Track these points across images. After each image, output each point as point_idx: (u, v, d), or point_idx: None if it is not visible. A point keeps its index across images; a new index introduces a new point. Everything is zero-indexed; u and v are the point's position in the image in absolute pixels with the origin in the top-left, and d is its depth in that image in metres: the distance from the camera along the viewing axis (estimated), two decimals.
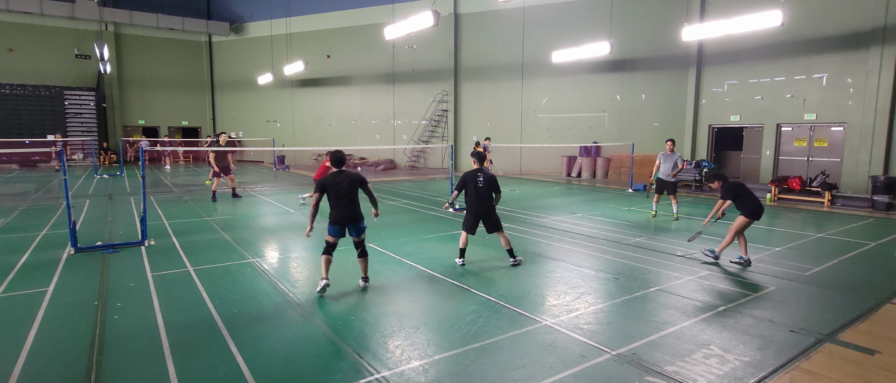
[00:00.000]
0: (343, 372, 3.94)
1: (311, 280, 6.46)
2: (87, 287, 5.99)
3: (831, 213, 12.21)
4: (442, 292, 5.96)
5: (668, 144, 11.01)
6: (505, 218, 11.02)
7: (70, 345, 4.40)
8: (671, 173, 10.79)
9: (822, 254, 7.96)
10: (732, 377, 3.91)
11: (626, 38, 19.14)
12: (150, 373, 3.91)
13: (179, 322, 4.93)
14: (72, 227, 7.58)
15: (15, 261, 7.07)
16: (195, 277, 6.41)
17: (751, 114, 16.60)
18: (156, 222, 9.99)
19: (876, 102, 14.03)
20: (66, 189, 7.50)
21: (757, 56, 16.16)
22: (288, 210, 12.12)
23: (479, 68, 23.35)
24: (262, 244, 8.48)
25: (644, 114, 19.56)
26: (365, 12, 25.40)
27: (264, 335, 4.63)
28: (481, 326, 4.84)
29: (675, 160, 10.78)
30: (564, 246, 8.39)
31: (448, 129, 24.27)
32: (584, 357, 4.22)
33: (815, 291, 6.07)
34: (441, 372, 3.95)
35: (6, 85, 25.60)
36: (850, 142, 14.70)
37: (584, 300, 5.66)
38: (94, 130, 27.60)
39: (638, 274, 6.70)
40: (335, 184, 5.63)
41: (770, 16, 10.90)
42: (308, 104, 28.50)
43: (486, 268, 7.00)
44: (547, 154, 22.03)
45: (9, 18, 25.49)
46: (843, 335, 4.73)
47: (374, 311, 5.30)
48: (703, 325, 4.92)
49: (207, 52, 31.14)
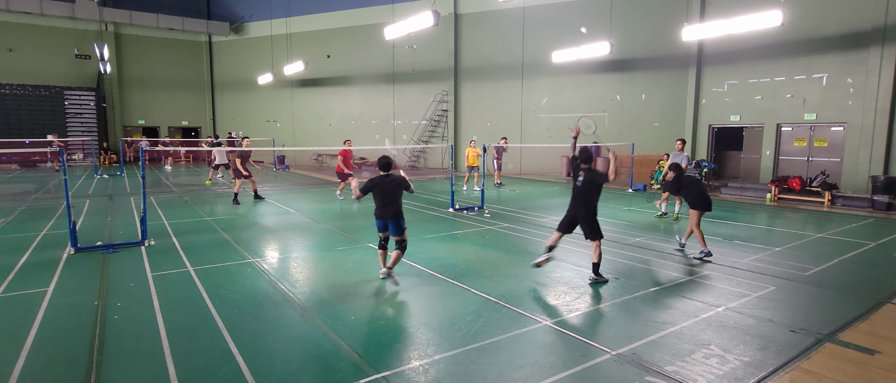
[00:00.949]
0: (343, 372, 3.94)
1: (311, 280, 6.46)
2: (87, 287, 5.99)
3: (831, 213, 12.21)
4: (442, 292, 5.96)
5: (678, 144, 11.05)
6: (505, 218, 11.03)
7: (70, 345, 4.40)
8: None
9: (822, 254, 7.96)
10: (732, 377, 3.91)
11: (626, 38, 19.13)
12: (150, 373, 3.91)
13: (179, 322, 4.93)
14: (72, 227, 7.58)
15: (15, 261, 7.07)
16: (195, 277, 6.41)
17: (751, 114, 16.60)
18: (156, 222, 9.99)
19: (876, 102, 14.03)
20: (66, 189, 7.50)
21: (757, 56, 16.16)
22: (288, 210, 12.12)
23: (479, 68, 23.34)
24: (262, 244, 8.48)
25: (644, 114, 19.56)
26: (365, 12, 25.40)
27: (264, 335, 4.63)
28: (481, 326, 4.84)
29: (681, 160, 10.79)
30: (564, 246, 8.38)
31: (448, 129, 24.26)
32: (584, 357, 4.22)
33: (815, 291, 6.07)
34: (441, 372, 3.95)
35: (6, 85, 25.60)
36: (850, 142, 14.70)
37: (584, 300, 5.66)
38: (94, 130, 27.59)
39: (638, 274, 6.70)
40: (382, 185, 6.28)
41: (770, 16, 10.90)
42: (308, 104, 28.50)
43: (486, 268, 7.00)
44: (547, 154, 22.02)
45: (9, 18, 25.49)
46: (843, 335, 4.73)
47: (374, 311, 5.30)
48: (703, 325, 4.92)
49: (207, 52, 31.14)
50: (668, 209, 11.23)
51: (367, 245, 8.23)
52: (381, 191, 6.30)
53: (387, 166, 6.47)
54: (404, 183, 6.39)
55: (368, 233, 9.25)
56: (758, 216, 11.75)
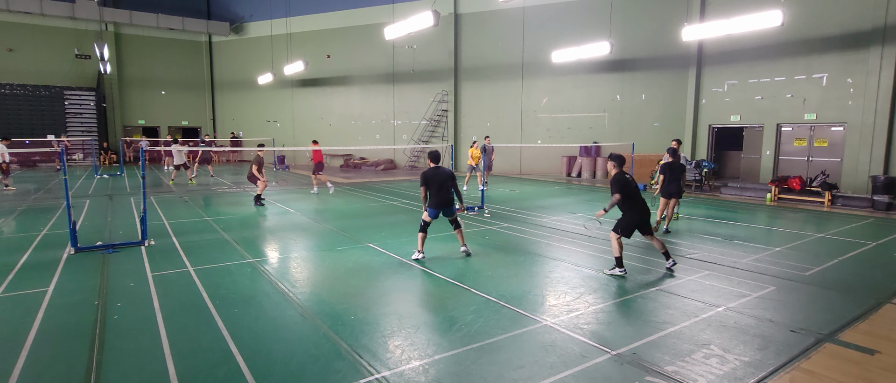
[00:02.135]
0: (343, 372, 3.93)
1: (311, 280, 6.46)
2: (87, 287, 5.99)
3: (831, 213, 12.21)
4: (442, 292, 5.96)
5: (673, 143, 11.03)
6: (505, 218, 11.04)
7: (70, 345, 4.40)
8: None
9: (822, 254, 7.96)
10: (732, 377, 3.91)
11: (626, 38, 19.13)
12: (150, 373, 3.91)
13: (179, 322, 4.93)
14: (72, 227, 7.58)
15: (15, 261, 7.07)
16: (195, 277, 6.41)
17: (751, 114, 16.60)
18: (156, 222, 9.99)
19: (876, 102, 14.03)
20: (67, 189, 7.50)
21: (757, 56, 16.16)
22: (288, 210, 12.12)
23: (479, 68, 23.34)
24: (262, 244, 8.48)
25: (644, 114, 19.56)
26: (365, 12, 25.40)
27: (264, 335, 4.63)
28: (481, 326, 4.84)
29: None
30: (564, 246, 8.39)
31: (448, 129, 24.27)
32: (585, 357, 4.22)
33: (815, 291, 6.07)
34: (441, 372, 3.95)
35: (6, 85, 25.60)
36: (850, 142, 14.70)
37: (584, 300, 5.66)
38: (94, 130, 27.58)
39: (638, 274, 6.69)
40: (436, 176, 7.22)
41: (770, 16, 10.90)
42: (308, 104, 28.50)
43: (486, 267, 7.00)
44: (547, 154, 22.02)
45: (9, 18, 25.49)
46: (843, 335, 4.73)
47: (374, 311, 5.30)
48: (703, 325, 4.92)
49: (207, 52, 31.14)
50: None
51: (368, 245, 8.23)
52: (437, 182, 7.20)
53: (437, 158, 7.37)
54: (453, 175, 7.29)
55: (369, 233, 9.26)
56: (758, 216, 11.75)
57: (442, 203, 7.23)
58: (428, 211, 7.27)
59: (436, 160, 7.38)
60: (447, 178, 7.24)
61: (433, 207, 7.24)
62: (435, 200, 7.21)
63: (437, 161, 7.37)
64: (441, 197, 7.20)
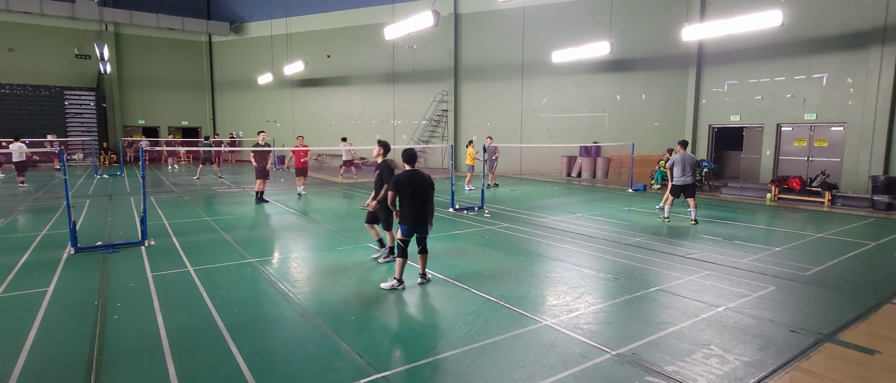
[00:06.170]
0: (343, 372, 3.93)
1: (311, 280, 6.46)
2: (87, 287, 5.99)
3: (831, 213, 12.21)
4: (442, 292, 5.96)
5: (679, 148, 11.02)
6: (505, 218, 11.03)
7: (70, 345, 4.40)
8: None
9: (822, 253, 7.96)
10: (732, 377, 3.91)
11: (626, 38, 19.13)
12: (150, 373, 3.91)
13: (179, 322, 4.93)
14: (72, 227, 7.58)
15: (15, 261, 7.07)
16: (195, 277, 6.41)
17: (751, 114, 16.60)
18: (156, 222, 9.98)
19: (876, 102, 14.03)
20: (66, 189, 7.50)
21: (757, 56, 16.16)
22: (288, 210, 12.12)
23: (479, 68, 23.34)
24: (262, 244, 8.48)
25: (644, 114, 19.56)
26: (365, 12, 25.40)
27: (264, 335, 4.63)
28: (481, 326, 4.84)
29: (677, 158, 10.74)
30: (564, 246, 8.39)
31: (448, 129, 24.26)
32: (585, 357, 4.22)
33: (815, 291, 6.07)
34: (441, 372, 3.95)
35: (6, 85, 25.60)
36: (850, 142, 14.70)
37: (584, 300, 5.66)
38: (94, 130, 27.58)
39: (638, 274, 6.69)
40: (412, 183, 5.66)
41: (770, 16, 10.90)
42: (308, 104, 28.50)
43: (486, 267, 7.00)
44: (547, 154, 22.02)
45: (9, 18, 25.49)
46: (843, 335, 4.73)
47: (375, 311, 5.30)
48: (703, 325, 4.92)
49: (207, 52, 31.14)
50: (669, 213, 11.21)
51: (367, 245, 8.23)
52: (411, 191, 5.63)
53: (413, 159, 5.88)
54: (431, 182, 5.82)
55: (369, 233, 9.24)
56: (758, 216, 11.75)
57: (417, 218, 5.70)
58: (401, 228, 5.76)
59: (411, 161, 5.93)
60: (425, 186, 5.74)
61: (407, 224, 5.72)
62: (410, 213, 5.68)
63: (413, 162, 5.92)
64: (416, 208, 5.67)
